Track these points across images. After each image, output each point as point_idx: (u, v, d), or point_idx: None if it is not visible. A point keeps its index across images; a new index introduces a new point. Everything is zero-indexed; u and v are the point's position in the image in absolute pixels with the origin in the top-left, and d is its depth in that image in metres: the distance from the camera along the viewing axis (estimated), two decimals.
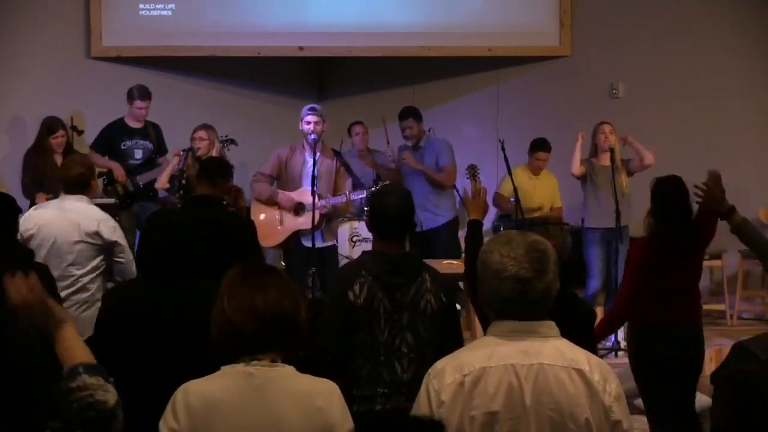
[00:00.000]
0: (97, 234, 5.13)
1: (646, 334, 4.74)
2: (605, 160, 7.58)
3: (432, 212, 7.60)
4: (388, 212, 3.60)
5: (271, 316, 2.46)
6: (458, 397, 2.36)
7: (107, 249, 5.17)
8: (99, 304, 5.04)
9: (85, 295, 5.16)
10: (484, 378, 2.36)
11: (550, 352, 2.38)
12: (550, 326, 2.43)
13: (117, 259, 5.20)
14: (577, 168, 7.62)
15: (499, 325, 2.43)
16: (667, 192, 4.77)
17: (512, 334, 2.40)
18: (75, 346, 2.37)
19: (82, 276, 5.15)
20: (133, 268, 5.17)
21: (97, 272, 5.19)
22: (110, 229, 5.19)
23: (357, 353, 3.52)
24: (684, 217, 4.75)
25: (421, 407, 2.40)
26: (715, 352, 7.08)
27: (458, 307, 6.56)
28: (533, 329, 2.40)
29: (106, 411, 2.22)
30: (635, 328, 4.82)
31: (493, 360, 2.37)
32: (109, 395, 2.26)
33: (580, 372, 2.37)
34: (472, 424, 2.34)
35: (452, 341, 3.56)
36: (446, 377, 2.38)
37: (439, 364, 2.44)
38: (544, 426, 2.34)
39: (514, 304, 2.39)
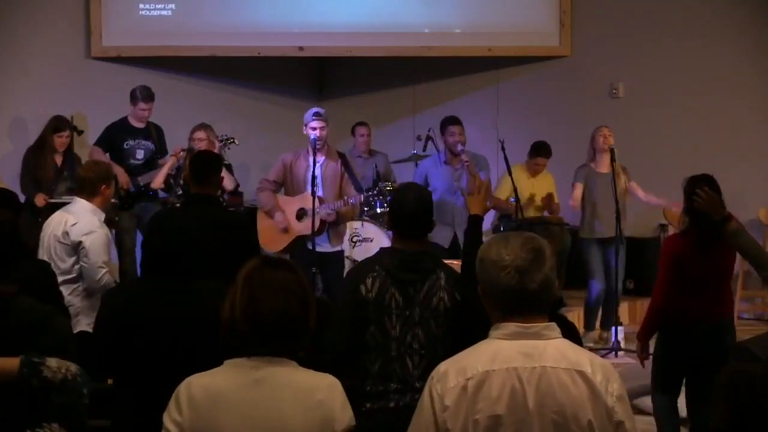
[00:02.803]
0: (66, 234, 5.16)
1: (681, 328, 4.79)
2: (604, 165, 7.52)
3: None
4: (405, 210, 3.62)
5: (277, 321, 2.47)
6: (462, 400, 2.35)
7: (74, 250, 5.16)
8: (70, 311, 4.97)
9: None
10: (488, 381, 2.36)
11: (553, 355, 2.38)
12: (552, 327, 2.43)
13: (81, 262, 5.16)
14: (576, 201, 7.58)
15: (501, 328, 2.43)
16: (699, 188, 4.77)
17: (515, 336, 2.40)
18: None
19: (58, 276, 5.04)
20: (96, 274, 5.13)
21: (71, 275, 5.17)
22: (79, 230, 5.16)
23: (369, 348, 3.52)
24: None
25: (424, 411, 2.40)
26: None
27: None
28: (535, 331, 2.40)
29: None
30: (670, 322, 4.85)
31: (496, 363, 2.37)
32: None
33: (582, 374, 2.37)
34: (476, 427, 2.33)
35: (470, 339, 3.56)
36: (449, 381, 2.38)
37: (441, 367, 2.44)
38: (548, 429, 2.34)
39: (513, 296, 2.39)
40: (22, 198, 7.21)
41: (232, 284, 2.54)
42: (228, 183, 7.48)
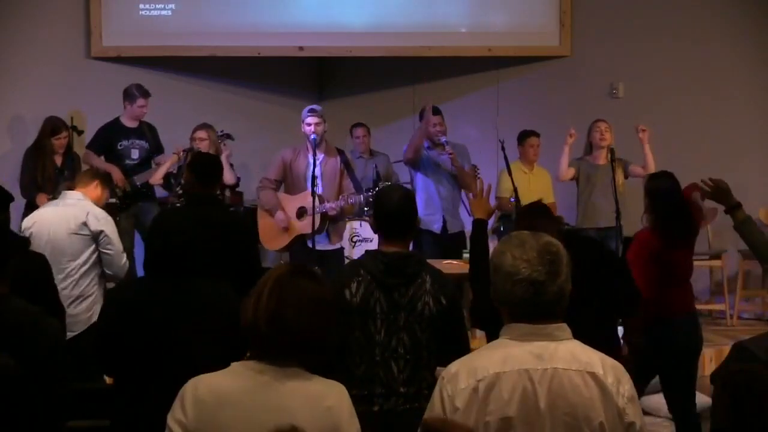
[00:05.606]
0: (84, 225, 5.24)
1: (657, 325, 4.80)
2: (601, 158, 7.54)
3: (454, 216, 7.62)
4: (389, 212, 3.60)
5: (300, 332, 2.42)
6: (473, 403, 2.35)
7: (95, 240, 5.27)
8: (90, 300, 5.16)
9: (77, 290, 5.22)
10: (498, 383, 2.35)
11: (564, 356, 2.38)
12: (563, 328, 2.43)
13: (104, 250, 5.29)
14: (564, 172, 7.61)
15: (512, 328, 2.42)
16: (661, 186, 4.92)
17: (525, 337, 2.40)
18: None
19: (73, 270, 5.22)
20: (121, 260, 5.33)
21: (88, 265, 5.27)
22: (96, 219, 5.28)
23: (353, 352, 3.51)
24: (679, 209, 4.90)
25: (435, 412, 2.40)
26: (715, 352, 7.07)
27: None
28: (546, 332, 2.40)
29: None
30: (651, 316, 4.81)
31: (507, 365, 2.37)
32: None
33: (593, 375, 2.37)
34: (487, 429, 2.34)
35: (453, 344, 3.55)
36: (460, 382, 2.38)
37: (453, 368, 2.43)
38: (559, 430, 2.33)
39: (527, 306, 2.39)
40: (23, 199, 7.22)
41: (256, 287, 2.48)
42: (230, 178, 7.48)
